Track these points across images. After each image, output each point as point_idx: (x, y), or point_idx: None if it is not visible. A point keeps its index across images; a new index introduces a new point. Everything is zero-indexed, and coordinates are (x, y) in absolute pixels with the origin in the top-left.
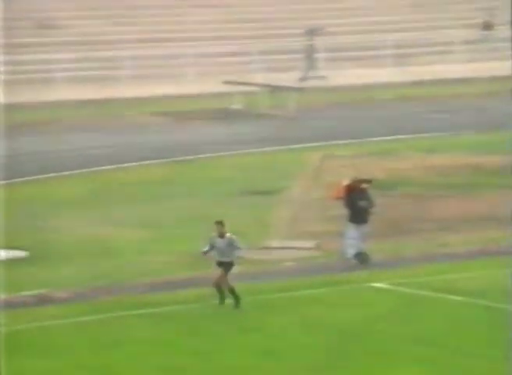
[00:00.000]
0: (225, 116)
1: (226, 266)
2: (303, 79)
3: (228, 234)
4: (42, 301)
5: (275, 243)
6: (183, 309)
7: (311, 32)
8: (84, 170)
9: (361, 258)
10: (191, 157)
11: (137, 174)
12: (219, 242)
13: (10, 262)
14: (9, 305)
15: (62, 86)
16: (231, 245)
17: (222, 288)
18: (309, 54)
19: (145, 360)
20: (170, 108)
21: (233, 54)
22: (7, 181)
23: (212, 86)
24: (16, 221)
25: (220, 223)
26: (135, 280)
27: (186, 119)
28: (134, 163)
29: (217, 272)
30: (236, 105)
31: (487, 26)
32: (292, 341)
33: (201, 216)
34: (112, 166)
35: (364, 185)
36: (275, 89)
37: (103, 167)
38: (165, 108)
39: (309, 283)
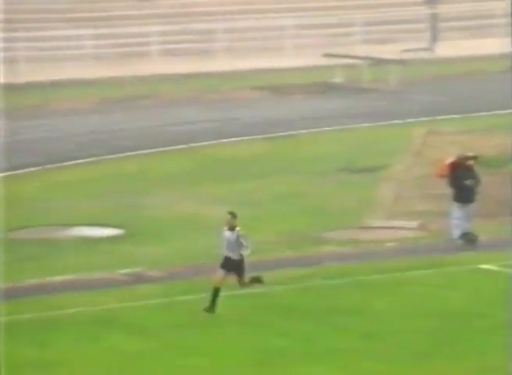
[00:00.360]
0: (324, 90)
1: (231, 264)
2: (408, 50)
3: (237, 228)
4: (137, 279)
5: (376, 222)
6: (281, 290)
7: (432, 1)
8: (181, 146)
9: (468, 238)
10: (290, 133)
11: (235, 150)
12: (228, 235)
13: (106, 240)
14: (105, 284)
15: (158, 60)
16: (238, 241)
17: (218, 293)
18: (432, 23)
19: (240, 341)
20: (268, 83)
21: (334, 25)
22: (103, 157)
23: (312, 59)
24: (113, 198)
25: (232, 215)
26: None
27: (284, 94)
28: (232, 139)
29: (218, 273)
30: (337, 79)
31: None
32: (393, 324)
33: (300, 193)
34: (210, 142)
35: (469, 162)
36: (377, 62)
37: (200, 143)
38: (262, 83)
39: (412, 265)
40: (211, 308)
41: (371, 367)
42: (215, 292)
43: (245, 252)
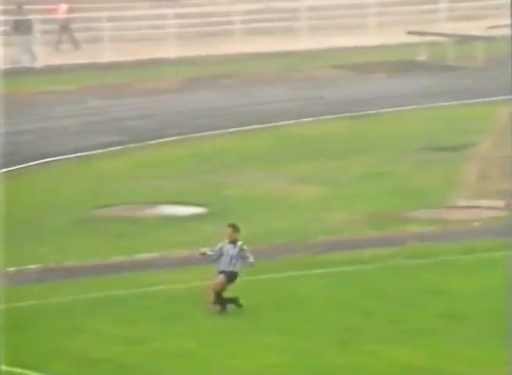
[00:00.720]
0: (408, 68)
1: (229, 275)
2: (494, 27)
3: (239, 242)
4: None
5: (461, 202)
6: (364, 269)
7: None
8: (263, 125)
9: None
10: (373, 111)
11: (317, 129)
12: (230, 249)
13: (190, 219)
14: (189, 262)
15: (240, 38)
16: (240, 255)
17: (222, 295)
18: None
19: (322, 320)
20: (351, 61)
21: (418, 2)
22: (187, 136)
23: (395, 37)
24: (197, 177)
25: (233, 228)
26: (314, 238)
27: (367, 72)
28: (314, 118)
29: (218, 278)
30: (421, 57)
31: None
32: (475, 305)
33: (382, 172)
34: (292, 121)
35: None
36: (463, 39)
37: (282, 122)
38: (345, 61)
39: (497, 245)
40: (223, 308)
41: (452, 348)
42: (219, 298)
43: (252, 261)
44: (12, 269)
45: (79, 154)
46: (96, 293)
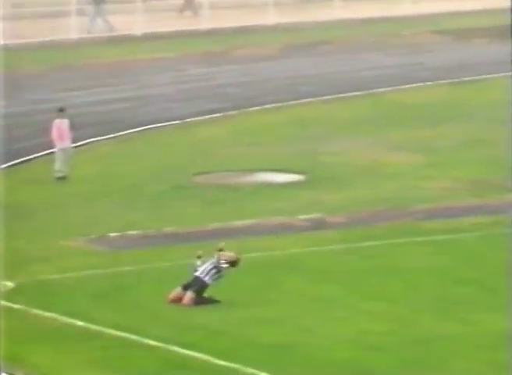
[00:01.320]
0: (510, 33)
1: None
2: None
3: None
4: (318, 225)
5: None
6: (461, 238)
7: None
8: (362, 92)
9: None
10: (473, 78)
11: (416, 96)
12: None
13: (288, 186)
14: (285, 229)
15: (338, 5)
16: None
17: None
18: None
19: (421, 288)
20: (450, 26)
21: None
22: (286, 103)
23: (496, 1)
24: (295, 144)
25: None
26: (412, 206)
27: (467, 38)
28: (413, 84)
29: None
30: None
31: None
32: None
33: (481, 140)
34: (391, 88)
35: None
36: None
37: (381, 89)
38: (445, 26)
39: None
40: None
41: None
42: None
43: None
44: (113, 234)
45: (178, 121)
46: (193, 259)
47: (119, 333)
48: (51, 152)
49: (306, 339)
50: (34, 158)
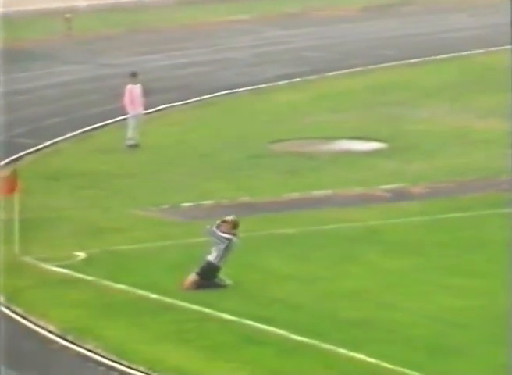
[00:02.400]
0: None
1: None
2: None
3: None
4: (399, 196)
5: None
6: None
7: None
8: (448, 55)
9: None
10: None
11: (505, 59)
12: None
13: (368, 155)
14: (365, 200)
15: None
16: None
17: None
18: None
19: (504, 262)
20: None
21: None
22: (366, 67)
23: None
24: (376, 110)
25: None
26: (498, 176)
27: None
28: (501, 47)
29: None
30: None
31: None
32: None
33: None
34: (477, 51)
35: None
36: None
37: (468, 51)
38: None
39: None
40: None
41: None
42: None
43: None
44: (187, 204)
45: (255, 86)
46: (268, 230)
47: (192, 306)
48: (123, 119)
49: (386, 314)
50: (106, 125)
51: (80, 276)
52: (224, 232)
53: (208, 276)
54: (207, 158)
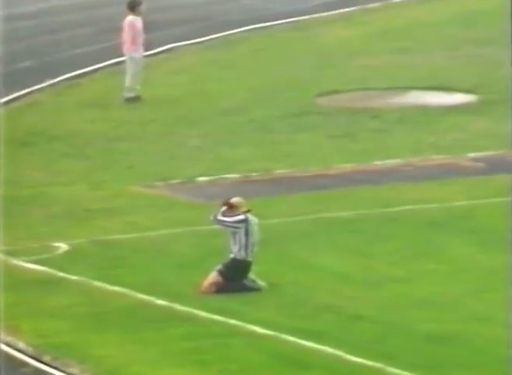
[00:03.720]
0: None
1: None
2: None
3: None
4: (492, 167)
5: None
6: None
7: None
8: None
9: None
10: None
11: None
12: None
13: (449, 111)
14: (448, 172)
15: None
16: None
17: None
18: None
19: None
20: None
21: None
22: None
23: None
24: (459, 49)
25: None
26: None
27: None
28: None
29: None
30: None
31: None
32: None
33: None
34: None
35: None
36: None
37: None
38: None
39: None
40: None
41: None
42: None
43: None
44: (203, 178)
45: (295, 18)
46: (315, 214)
47: (213, 316)
48: (121, 63)
49: (475, 328)
50: (97, 70)
51: (61, 275)
52: (233, 215)
53: (234, 277)
54: (230, 116)
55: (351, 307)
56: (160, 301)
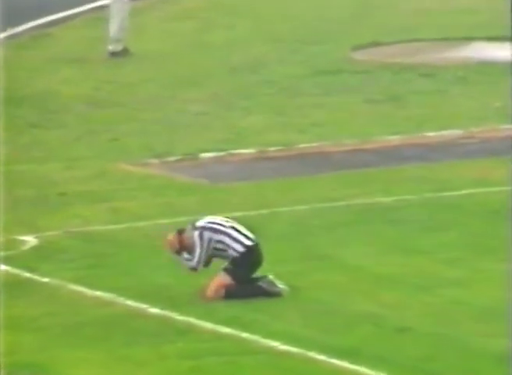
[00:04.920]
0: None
1: None
2: None
3: None
4: None
5: None
6: None
7: None
8: None
9: None
10: None
11: None
12: None
13: None
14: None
15: None
16: None
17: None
18: None
19: None
20: None
21: None
22: None
23: None
24: None
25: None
26: None
27: None
28: None
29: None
30: None
31: None
32: None
33: None
34: None
35: None
36: None
37: None
38: None
39: None
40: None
41: None
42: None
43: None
44: (207, 154)
45: None
46: (351, 199)
47: (220, 328)
48: (101, 7)
49: None
50: (73, 16)
51: (28, 275)
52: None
53: (246, 272)
54: (243, 74)
55: (394, 317)
56: (154, 310)
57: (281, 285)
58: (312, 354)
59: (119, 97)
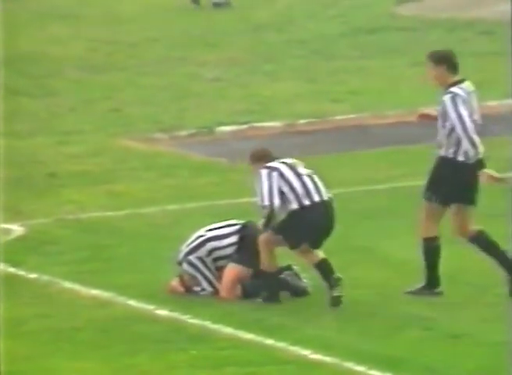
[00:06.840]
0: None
1: None
2: None
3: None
4: None
5: None
6: None
7: None
8: None
9: None
10: None
11: None
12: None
13: None
14: None
15: None
16: None
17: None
18: None
19: None
20: None
21: None
22: None
23: None
24: None
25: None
26: None
27: None
28: None
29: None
30: None
31: None
32: None
33: None
34: None
35: None
36: None
37: None
38: None
39: None
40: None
41: None
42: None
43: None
44: (227, 128)
45: None
46: (394, 182)
47: (238, 333)
48: None
49: None
50: None
51: (13, 271)
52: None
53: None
54: (267, 33)
55: (447, 321)
56: (161, 312)
57: (305, 279)
58: (349, 364)
59: (119, 59)
